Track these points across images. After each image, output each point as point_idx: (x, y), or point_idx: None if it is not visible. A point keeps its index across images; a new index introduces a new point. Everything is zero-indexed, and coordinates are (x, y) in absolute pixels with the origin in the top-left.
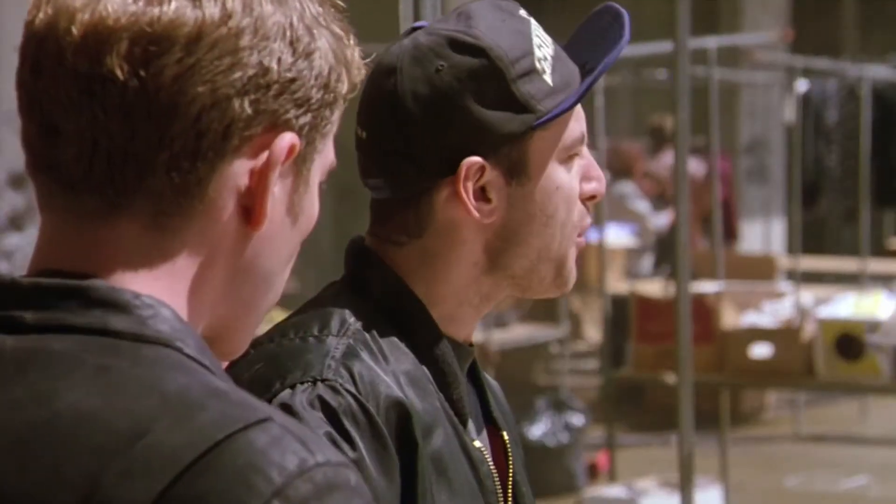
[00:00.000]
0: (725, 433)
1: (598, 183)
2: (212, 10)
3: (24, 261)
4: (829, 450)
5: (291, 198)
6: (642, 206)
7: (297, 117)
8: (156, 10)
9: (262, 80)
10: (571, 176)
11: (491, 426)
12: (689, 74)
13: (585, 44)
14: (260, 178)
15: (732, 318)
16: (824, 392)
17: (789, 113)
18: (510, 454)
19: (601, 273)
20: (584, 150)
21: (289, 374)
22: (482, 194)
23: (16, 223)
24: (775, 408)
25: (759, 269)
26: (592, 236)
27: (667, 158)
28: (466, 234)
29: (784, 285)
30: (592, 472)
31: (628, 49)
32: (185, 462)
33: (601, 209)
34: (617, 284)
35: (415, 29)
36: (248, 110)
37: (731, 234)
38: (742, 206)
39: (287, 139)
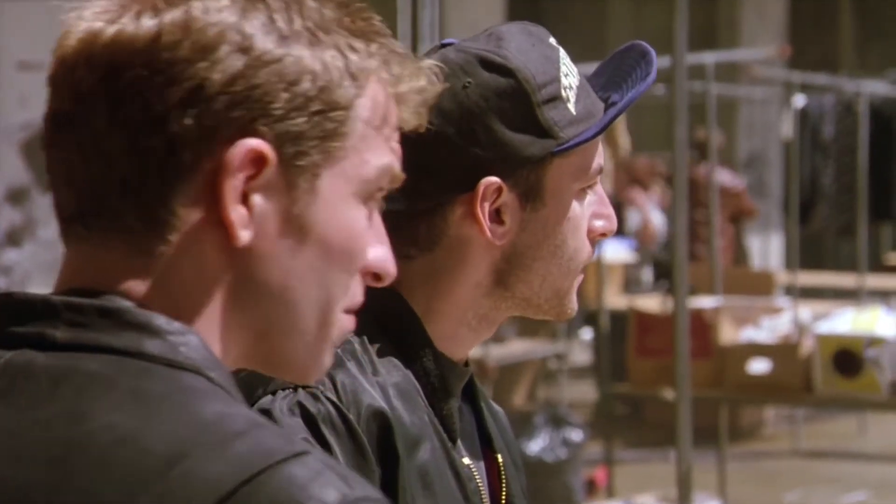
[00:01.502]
0: (724, 449)
1: (608, 221)
2: (146, 28)
3: (23, 276)
4: (827, 465)
5: (289, 210)
6: (657, 216)
7: (268, 125)
8: (109, 30)
9: (202, 92)
10: (583, 208)
11: (486, 448)
12: (687, 90)
13: (610, 79)
14: (217, 190)
15: (731, 334)
16: (823, 408)
17: (787, 128)
18: (503, 476)
19: (599, 288)
20: (599, 186)
21: (271, 381)
22: (496, 215)
23: (13, 239)
24: (774, 423)
25: (757, 285)
26: None
27: (701, 171)
28: (475, 254)
29: (782, 301)
30: (591, 488)
31: None
32: (223, 491)
33: None
34: (615, 299)
35: (444, 45)
36: (190, 125)
37: (734, 255)
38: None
39: (242, 147)
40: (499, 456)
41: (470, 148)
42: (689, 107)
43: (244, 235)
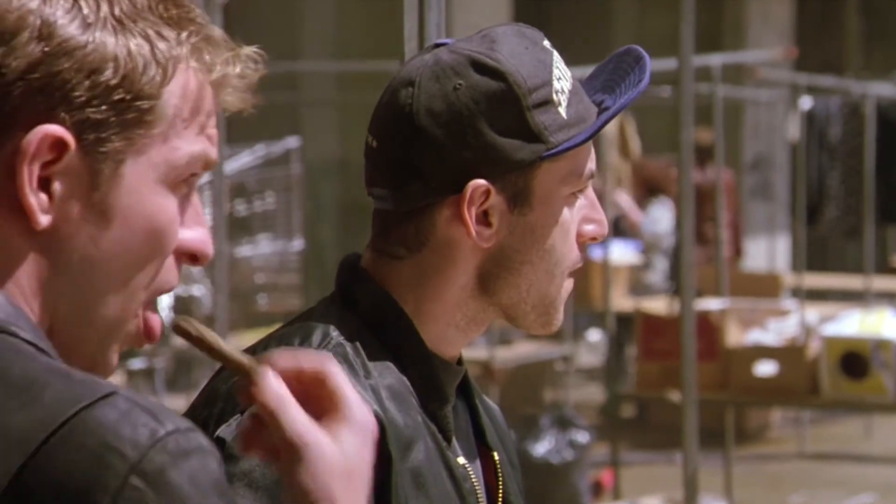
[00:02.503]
0: (730, 451)
1: (599, 226)
2: None
3: None
4: (833, 468)
5: (91, 195)
6: (667, 216)
7: (67, 112)
8: None
9: (1, 79)
10: (572, 213)
11: (483, 446)
12: (693, 92)
13: (604, 83)
14: (15, 175)
15: (737, 336)
16: (829, 410)
17: (793, 130)
18: (500, 474)
19: (605, 290)
20: (590, 190)
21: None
22: (484, 218)
23: None
24: (780, 426)
25: (764, 287)
26: (596, 253)
27: (709, 173)
28: (461, 255)
29: (788, 303)
30: (597, 490)
31: None
32: (35, 443)
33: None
34: (621, 301)
35: (438, 45)
36: None
37: (735, 251)
38: (746, 223)
39: (38, 132)
40: (495, 454)
41: (459, 150)
42: (694, 109)
43: (43, 220)
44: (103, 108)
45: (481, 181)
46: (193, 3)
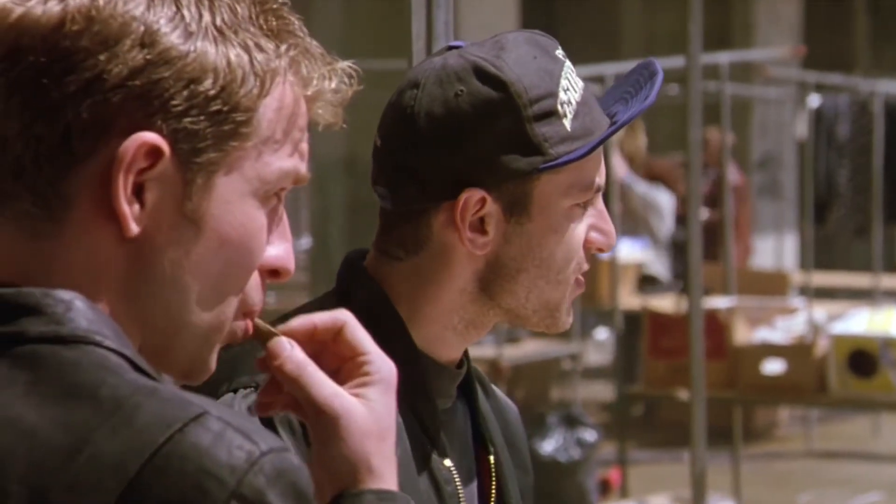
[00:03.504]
0: (738, 450)
1: (607, 237)
2: (50, 13)
3: None
4: (841, 467)
5: (183, 205)
6: (668, 201)
7: (164, 121)
8: (17, 10)
9: (101, 84)
10: (578, 224)
11: (481, 448)
12: (701, 90)
13: (621, 95)
14: (110, 181)
15: (745, 334)
16: (837, 408)
17: (801, 128)
18: (493, 476)
19: (613, 288)
20: (599, 201)
21: (236, 378)
22: (479, 225)
23: None
24: (788, 424)
25: (772, 285)
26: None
27: (712, 173)
28: (459, 261)
29: (796, 301)
30: (604, 489)
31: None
32: (130, 472)
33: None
34: (629, 300)
35: (451, 48)
36: (85, 115)
37: (744, 249)
38: (754, 221)
39: (136, 140)
40: (490, 457)
41: (456, 157)
42: (703, 107)
43: (134, 227)
44: (200, 118)
45: (476, 189)
46: (294, 16)
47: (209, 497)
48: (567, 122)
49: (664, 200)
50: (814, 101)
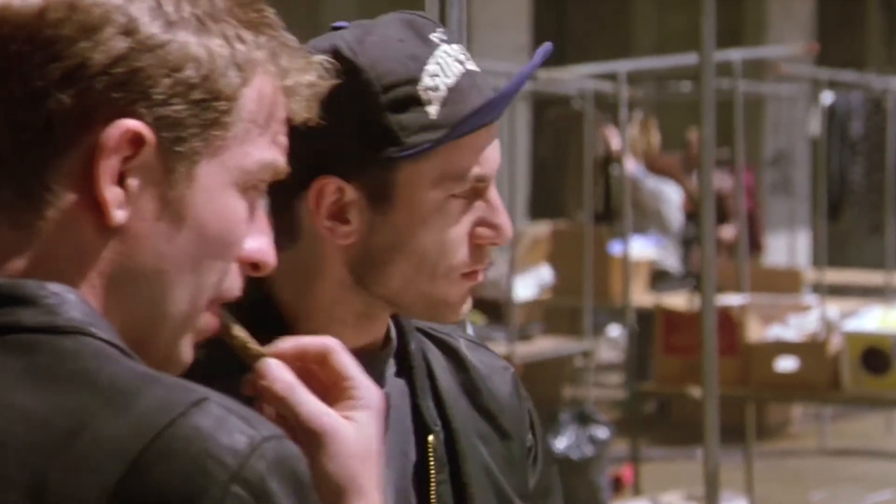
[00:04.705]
0: (751, 447)
1: (497, 231)
2: (31, 2)
3: None
4: (854, 464)
5: (166, 194)
6: (675, 193)
7: (148, 109)
8: None
9: (83, 71)
10: (452, 216)
11: (421, 429)
12: (713, 87)
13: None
14: (93, 169)
15: (757, 332)
16: (850, 406)
17: (814, 125)
18: (430, 458)
19: (625, 286)
20: (492, 193)
21: None
22: (341, 214)
23: None
24: (801, 422)
25: (785, 283)
26: (616, 249)
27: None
28: (330, 251)
29: (809, 298)
30: (617, 486)
31: (653, 61)
32: (132, 454)
33: (626, 220)
34: (641, 297)
35: (336, 28)
36: (68, 103)
37: (756, 247)
38: (767, 219)
39: (119, 127)
40: (430, 437)
41: (312, 142)
42: (715, 104)
43: (118, 215)
44: (183, 106)
45: (331, 177)
46: (270, 9)
47: (211, 479)
48: (432, 109)
49: (673, 193)
50: (827, 98)
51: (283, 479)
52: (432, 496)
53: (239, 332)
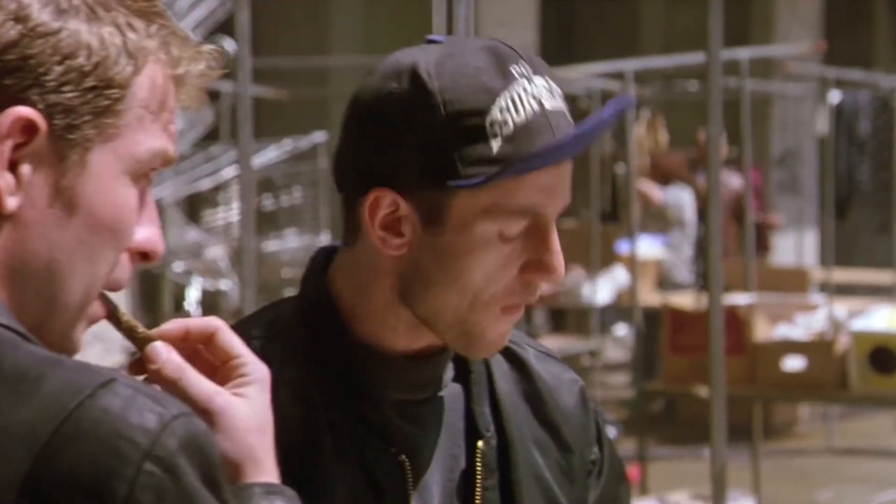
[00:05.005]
0: (758, 446)
1: (547, 274)
2: None
3: None
4: (861, 464)
5: (58, 181)
6: (687, 196)
7: (40, 95)
8: None
9: None
10: (504, 249)
11: (475, 434)
12: (721, 86)
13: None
14: None
15: (765, 331)
16: (857, 405)
17: (822, 124)
18: (477, 463)
19: (633, 285)
20: (549, 233)
21: None
22: (396, 226)
23: None
24: (808, 421)
25: (792, 282)
26: (623, 248)
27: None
28: (384, 258)
29: (817, 298)
30: None
31: (660, 60)
32: (42, 438)
33: (633, 219)
34: (649, 296)
35: (430, 42)
36: None
37: (763, 246)
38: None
39: (11, 114)
40: (480, 443)
41: (372, 153)
42: (723, 103)
43: (10, 202)
44: (75, 93)
45: (387, 190)
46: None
47: (123, 459)
48: (495, 144)
49: (686, 196)
50: (834, 97)
51: (193, 456)
52: (477, 501)
53: (125, 316)
